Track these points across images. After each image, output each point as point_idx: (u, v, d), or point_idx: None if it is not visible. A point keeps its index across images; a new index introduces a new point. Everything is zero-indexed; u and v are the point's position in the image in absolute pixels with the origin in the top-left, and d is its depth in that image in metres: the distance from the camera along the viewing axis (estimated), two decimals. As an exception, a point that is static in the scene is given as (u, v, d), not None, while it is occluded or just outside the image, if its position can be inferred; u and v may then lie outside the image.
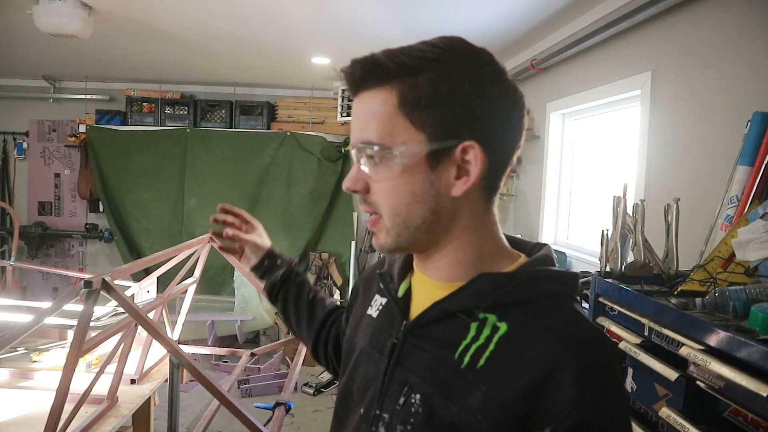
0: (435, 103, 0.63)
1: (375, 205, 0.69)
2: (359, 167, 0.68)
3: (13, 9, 2.93)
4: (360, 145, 0.67)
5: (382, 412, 0.70)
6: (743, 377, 0.94)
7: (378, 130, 0.65)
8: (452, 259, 0.70)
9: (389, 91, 0.64)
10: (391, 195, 0.67)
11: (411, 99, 0.63)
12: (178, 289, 2.23)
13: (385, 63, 0.64)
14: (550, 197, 3.33)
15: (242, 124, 5.08)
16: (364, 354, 0.77)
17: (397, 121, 0.64)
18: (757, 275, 1.24)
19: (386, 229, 0.69)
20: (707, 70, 1.91)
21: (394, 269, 0.80)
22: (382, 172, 0.66)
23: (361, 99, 0.67)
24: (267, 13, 2.91)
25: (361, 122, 0.67)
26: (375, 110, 0.65)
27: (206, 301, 4.51)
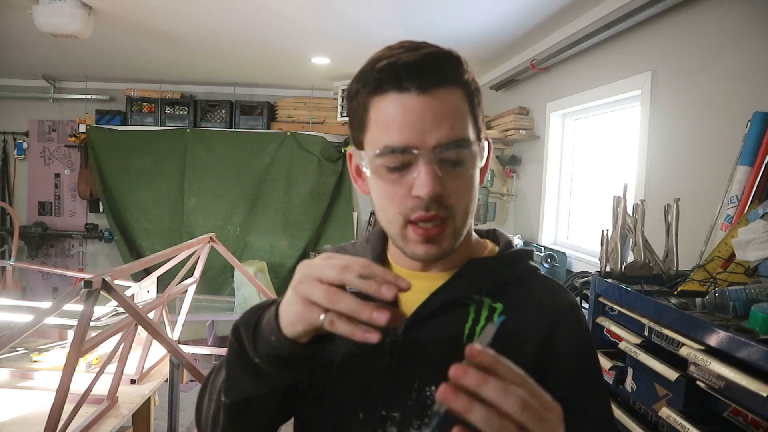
0: (480, 105, 0.70)
1: (450, 207, 0.66)
2: (435, 169, 0.63)
3: (13, 9, 2.93)
4: (451, 144, 0.64)
5: (390, 412, 0.68)
6: (743, 377, 0.94)
7: (467, 124, 0.67)
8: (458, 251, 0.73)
9: (462, 92, 0.67)
10: (467, 193, 0.68)
11: (472, 101, 0.68)
12: (178, 289, 2.23)
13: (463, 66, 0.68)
14: (550, 197, 3.33)
15: (242, 124, 5.08)
16: (350, 358, 0.72)
17: (469, 118, 0.68)
18: (757, 275, 1.24)
19: (454, 231, 0.68)
20: (707, 70, 1.91)
21: None
22: (465, 171, 0.67)
23: (437, 96, 0.64)
24: (267, 13, 2.92)
25: (449, 120, 0.64)
26: (460, 107, 0.66)
27: (206, 301, 4.51)
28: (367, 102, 0.67)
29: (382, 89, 0.65)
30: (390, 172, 0.66)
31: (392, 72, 0.64)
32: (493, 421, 0.44)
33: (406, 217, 0.66)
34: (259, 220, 5.09)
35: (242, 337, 0.61)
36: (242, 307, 4.36)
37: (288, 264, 5.09)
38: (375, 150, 0.65)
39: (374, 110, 0.66)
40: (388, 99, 0.64)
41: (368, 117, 0.67)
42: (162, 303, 2.08)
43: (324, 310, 0.53)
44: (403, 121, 0.63)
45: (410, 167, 0.65)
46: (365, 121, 0.68)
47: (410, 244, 0.68)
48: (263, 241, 5.09)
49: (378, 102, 0.65)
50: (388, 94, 0.64)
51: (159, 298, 2.16)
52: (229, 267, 4.58)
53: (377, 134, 0.66)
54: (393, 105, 0.64)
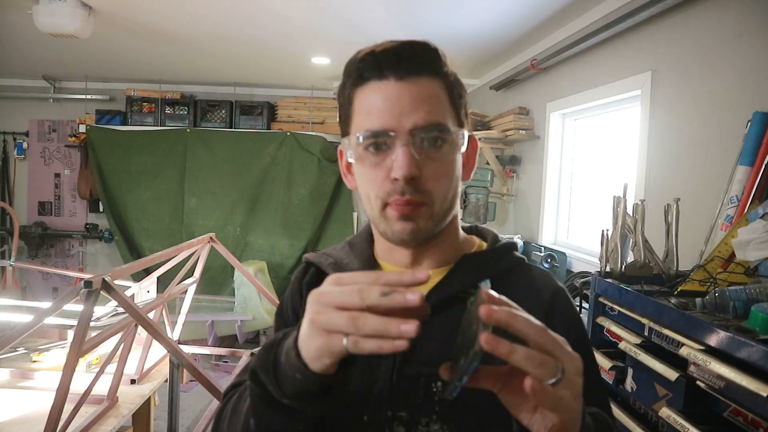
0: (462, 100, 0.73)
1: (427, 191, 0.68)
2: (412, 152, 0.66)
3: (13, 9, 2.93)
4: (428, 127, 0.67)
5: (396, 412, 0.68)
6: (743, 377, 0.94)
7: (445, 112, 0.69)
8: (446, 245, 0.76)
9: (441, 82, 0.70)
10: (445, 179, 0.70)
11: (453, 93, 0.71)
12: (178, 289, 2.23)
13: (441, 58, 0.70)
14: (550, 197, 3.33)
15: (242, 124, 5.08)
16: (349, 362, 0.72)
17: (448, 108, 0.70)
18: (757, 275, 1.24)
19: (431, 214, 0.70)
20: (707, 70, 1.91)
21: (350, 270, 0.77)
22: (443, 155, 0.69)
23: (415, 83, 0.67)
24: (267, 13, 2.92)
25: (426, 105, 0.67)
26: (439, 96, 0.69)
27: (206, 301, 4.51)
28: (352, 94, 0.71)
29: (363, 78, 0.69)
30: (371, 156, 0.69)
31: (372, 61, 0.68)
32: (535, 357, 0.47)
33: (384, 200, 0.69)
34: (259, 220, 5.09)
35: (264, 382, 0.58)
36: (242, 307, 4.37)
37: (288, 264, 5.09)
38: (358, 136, 0.69)
39: (357, 100, 0.70)
40: (369, 87, 0.69)
41: (353, 108, 0.71)
42: (162, 303, 2.08)
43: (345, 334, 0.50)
44: (382, 106, 0.67)
45: (389, 151, 0.68)
46: (351, 113, 0.72)
47: (390, 223, 0.71)
48: (263, 241, 5.09)
49: (360, 92, 0.70)
50: (369, 83, 0.69)
51: (159, 298, 2.16)
52: (229, 267, 4.58)
53: (360, 121, 0.70)
54: (373, 92, 0.68)
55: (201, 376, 1.59)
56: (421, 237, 0.71)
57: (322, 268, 0.80)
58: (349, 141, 0.71)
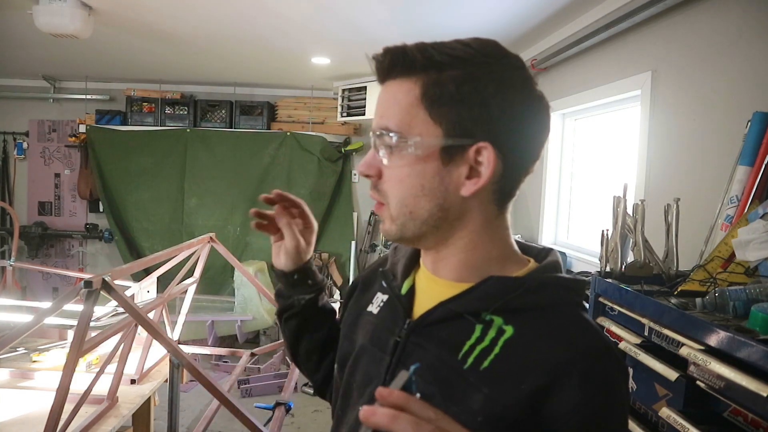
0: (455, 100, 0.63)
1: (384, 193, 0.69)
2: (375, 153, 0.69)
3: (13, 9, 2.93)
4: (379, 132, 0.67)
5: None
6: (743, 377, 0.94)
7: (397, 118, 0.65)
8: (461, 259, 0.70)
9: (414, 83, 0.65)
10: (401, 184, 0.67)
11: (433, 93, 0.64)
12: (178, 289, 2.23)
13: (414, 55, 0.64)
14: (550, 197, 3.33)
15: (242, 124, 5.08)
16: (364, 351, 0.76)
17: (417, 112, 0.64)
18: (757, 275, 1.24)
19: (391, 217, 0.70)
20: (707, 70, 1.91)
21: (397, 267, 0.79)
22: (395, 161, 0.67)
23: (387, 87, 0.68)
24: (267, 13, 2.91)
25: (382, 109, 0.68)
26: (398, 99, 0.66)
27: (206, 301, 4.51)
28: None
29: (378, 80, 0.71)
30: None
31: (374, 65, 0.70)
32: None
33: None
34: (260, 220, 5.08)
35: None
36: (242, 307, 4.37)
37: (288, 264, 5.08)
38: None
39: None
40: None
41: None
42: (162, 303, 2.08)
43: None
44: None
45: None
46: None
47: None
48: (263, 241, 5.09)
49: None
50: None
51: (159, 298, 2.16)
52: (229, 267, 4.58)
53: None
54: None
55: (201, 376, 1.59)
56: (389, 237, 0.72)
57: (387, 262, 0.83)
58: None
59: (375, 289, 0.82)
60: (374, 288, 0.82)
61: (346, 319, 0.85)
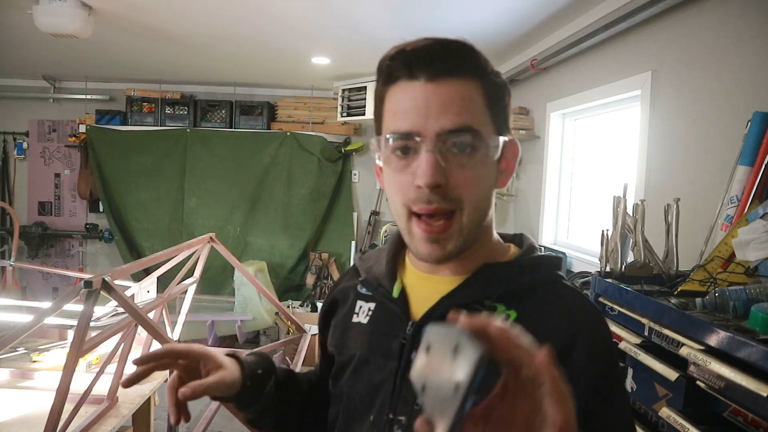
0: (502, 103, 0.69)
1: (457, 199, 0.64)
2: (438, 158, 0.62)
3: (13, 9, 2.93)
4: (456, 130, 0.63)
5: (396, 416, 0.68)
6: (743, 377, 0.93)
7: (475, 116, 0.64)
8: (473, 255, 0.71)
9: (477, 84, 0.65)
10: (477, 187, 0.66)
11: (492, 96, 0.67)
12: (178, 289, 2.23)
13: (478, 57, 0.67)
14: (550, 197, 3.33)
15: (242, 124, 5.08)
16: (363, 361, 0.74)
17: (484, 111, 0.66)
18: (757, 275, 1.24)
19: (461, 229, 0.66)
20: (707, 70, 1.91)
21: (375, 273, 0.78)
22: (474, 162, 0.65)
23: (447, 84, 0.63)
24: (267, 13, 2.91)
25: (455, 108, 0.63)
26: (472, 98, 0.65)
27: (206, 301, 4.51)
28: (383, 92, 0.69)
29: (393, 77, 0.66)
30: (397, 160, 0.66)
31: (402, 60, 0.65)
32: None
33: (409, 208, 0.66)
34: (259, 220, 5.09)
35: None
36: (242, 307, 4.37)
37: (288, 264, 5.09)
38: (385, 136, 0.67)
39: (388, 100, 0.68)
40: (398, 87, 0.66)
41: (384, 107, 0.69)
42: (162, 303, 2.08)
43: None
44: (410, 108, 0.64)
45: (415, 155, 0.64)
46: (382, 112, 0.70)
47: (415, 241, 0.68)
48: (263, 241, 5.09)
49: (391, 91, 0.67)
50: (399, 83, 0.66)
51: (159, 298, 2.16)
52: (229, 267, 4.57)
53: (388, 122, 0.68)
54: (402, 92, 0.66)
55: (201, 376, 1.58)
56: (446, 260, 0.68)
57: (360, 271, 0.81)
58: (377, 141, 0.69)
59: (352, 301, 0.80)
60: (350, 300, 0.81)
61: (333, 334, 0.82)
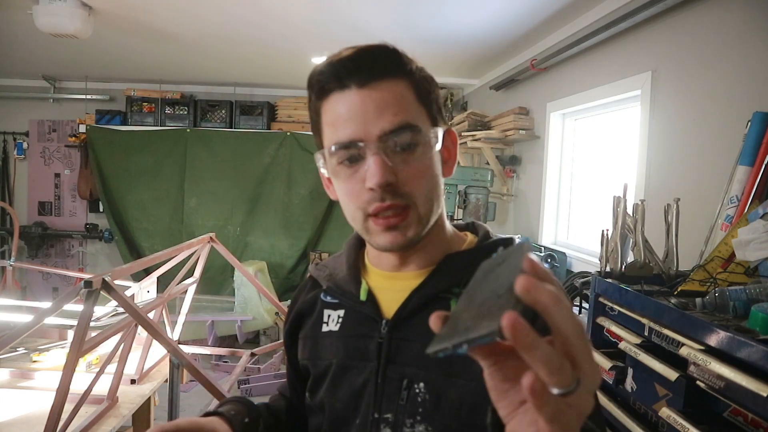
0: (432, 96, 0.71)
1: (408, 194, 0.67)
2: (384, 158, 0.65)
3: (13, 9, 2.93)
4: (396, 129, 0.65)
5: (382, 414, 0.69)
6: (743, 377, 0.94)
7: (411, 113, 0.67)
8: (432, 245, 0.74)
9: (406, 82, 0.68)
10: (425, 179, 0.68)
11: (421, 91, 0.69)
12: (178, 289, 2.23)
13: (402, 57, 0.69)
14: (550, 197, 3.32)
15: (242, 124, 5.08)
16: (341, 368, 0.74)
17: (418, 107, 0.68)
18: (757, 275, 1.24)
19: (418, 218, 0.68)
20: (707, 70, 1.91)
21: (338, 280, 0.78)
22: (418, 157, 0.67)
23: (378, 88, 0.66)
24: (267, 12, 2.92)
25: (391, 108, 0.65)
26: (404, 96, 0.67)
27: (206, 301, 4.51)
28: (318, 107, 0.70)
29: (325, 90, 0.68)
30: (344, 168, 0.68)
31: (331, 72, 0.68)
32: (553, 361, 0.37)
33: (365, 211, 0.68)
34: (259, 220, 5.09)
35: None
36: (242, 307, 4.37)
37: (288, 264, 5.09)
38: (329, 148, 0.68)
39: (324, 113, 0.69)
40: (332, 99, 0.68)
41: (321, 121, 0.70)
42: (162, 303, 2.08)
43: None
44: (347, 116, 0.66)
45: (362, 161, 0.67)
46: (320, 126, 0.71)
47: (374, 236, 0.70)
48: (263, 241, 5.09)
49: (325, 104, 0.69)
50: (332, 95, 0.68)
51: (159, 298, 2.16)
52: (229, 267, 4.58)
53: (328, 134, 0.69)
54: (337, 103, 0.67)
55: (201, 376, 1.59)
56: (408, 245, 0.70)
57: (320, 281, 0.81)
58: (322, 155, 0.71)
59: (319, 311, 0.80)
60: (316, 311, 0.80)
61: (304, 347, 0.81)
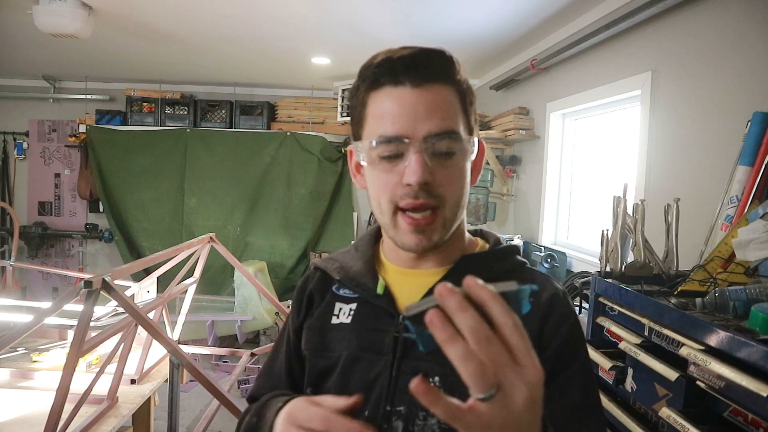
0: (473, 105, 0.75)
1: (440, 196, 0.69)
2: (425, 158, 0.68)
3: (13, 9, 2.93)
4: (441, 134, 0.68)
5: (394, 407, 0.70)
6: (743, 377, 0.94)
7: (455, 120, 0.70)
8: (452, 247, 0.77)
9: (454, 90, 0.71)
10: (457, 185, 0.71)
11: (465, 100, 0.73)
12: (178, 289, 2.23)
13: (455, 65, 0.72)
14: (550, 197, 3.33)
15: (242, 124, 5.08)
16: (352, 360, 0.75)
17: (460, 115, 0.72)
18: (757, 275, 1.24)
19: (444, 221, 0.71)
20: (707, 70, 1.91)
21: (352, 273, 0.80)
22: (455, 162, 0.70)
23: (430, 90, 0.69)
24: (267, 13, 2.92)
25: (439, 112, 0.68)
26: (452, 103, 0.70)
27: (206, 301, 4.51)
28: (366, 97, 0.72)
29: (379, 83, 0.70)
30: (384, 161, 0.70)
31: (388, 66, 0.69)
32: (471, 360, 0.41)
33: (396, 204, 0.70)
34: (259, 220, 5.09)
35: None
36: (242, 307, 4.37)
37: (288, 264, 5.09)
38: (371, 140, 0.70)
39: (371, 104, 0.71)
40: (383, 92, 0.70)
41: (366, 112, 0.72)
42: (162, 303, 2.08)
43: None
44: (397, 112, 0.68)
45: (402, 157, 0.69)
46: (364, 116, 0.73)
47: (400, 234, 0.72)
48: (263, 241, 5.09)
49: (375, 96, 0.71)
50: (384, 88, 0.70)
51: (159, 298, 2.16)
52: (229, 267, 4.57)
53: (374, 126, 0.71)
54: (388, 98, 0.69)
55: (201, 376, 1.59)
56: (431, 248, 0.72)
57: (329, 272, 0.83)
58: (361, 144, 0.73)
59: (328, 303, 0.81)
60: (325, 302, 0.81)
61: (308, 337, 0.82)
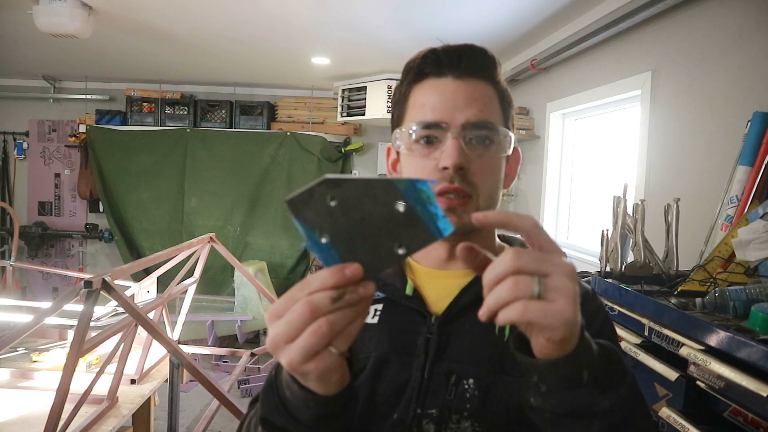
0: (511, 107, 0.77)
1: (474, 185, 0.71)
2: (462, 144, 0.69)
3: (13, 9, 2.93)
4: (479, 123, 0.70)
5: (426, 410, 0.69)
6: (743, 377, 0.94)
7: (493, 113, 0.72)
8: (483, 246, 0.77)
9: (494, 89, 0.74)
10: (491, 177, 0.73)
11: (504, 101, 0.75)
12: (178, 289, 2.23)
13: (497, 66, 0.75)
14: (550, 197, 3.33)
15: (242, 124, 5.08)
16: (382, 361, 0.73)
17: (499, 112, 0.74)
18: (757, 275, 1.24)
19: (476, 208, 0.71)
20: (707, 70, 1.91)
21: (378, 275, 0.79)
22: (491, 154, 0.72)
23: (471, 83, 0.71)
24: (267, 13, 2.92)
25: (479, 104, 0.71)
26: (489, 97, 0.73)
27: (206, 301, 4.51)
28: (408, 90, 0.75)
29: (423, 74, 0.73)
30: (421, 147, 0.72)
31: (433, 58, 0.72)
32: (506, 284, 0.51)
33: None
34: (259, 220, 5.09)
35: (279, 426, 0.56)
36: (242, 307, 4.37)
37: (288, 264, 5.09)
38: (410, 125, 0.72)
39: (413, 95, 0.74)
40: (426, 84, 0.73)
41: (408, 104, 0.75)
42: (162, 303, 2.08)
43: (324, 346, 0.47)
44: (438, 100, 0.71)
45: (439, 144, 0.71)
46: (405, 108, 0.75)
47: None
48: (263, 241, 5.09)
49: (418, 88, 0.74)
50: (427, 80, 0.73)
51: (159, 298, 2.16)
52: (229, 267, 4.58)
53: (413, 114, 0.73)
54: (430, 88, 0.72)
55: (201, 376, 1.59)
56: (462, 230, 0.71)
57: None
58: (400, 132, 0.74)
59: None
60: None
61: None
